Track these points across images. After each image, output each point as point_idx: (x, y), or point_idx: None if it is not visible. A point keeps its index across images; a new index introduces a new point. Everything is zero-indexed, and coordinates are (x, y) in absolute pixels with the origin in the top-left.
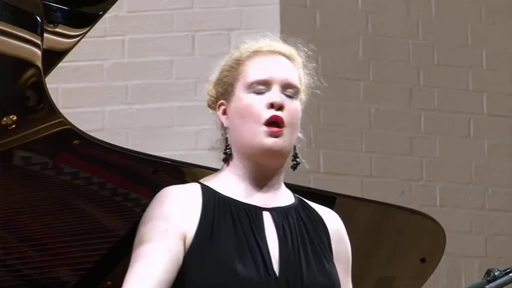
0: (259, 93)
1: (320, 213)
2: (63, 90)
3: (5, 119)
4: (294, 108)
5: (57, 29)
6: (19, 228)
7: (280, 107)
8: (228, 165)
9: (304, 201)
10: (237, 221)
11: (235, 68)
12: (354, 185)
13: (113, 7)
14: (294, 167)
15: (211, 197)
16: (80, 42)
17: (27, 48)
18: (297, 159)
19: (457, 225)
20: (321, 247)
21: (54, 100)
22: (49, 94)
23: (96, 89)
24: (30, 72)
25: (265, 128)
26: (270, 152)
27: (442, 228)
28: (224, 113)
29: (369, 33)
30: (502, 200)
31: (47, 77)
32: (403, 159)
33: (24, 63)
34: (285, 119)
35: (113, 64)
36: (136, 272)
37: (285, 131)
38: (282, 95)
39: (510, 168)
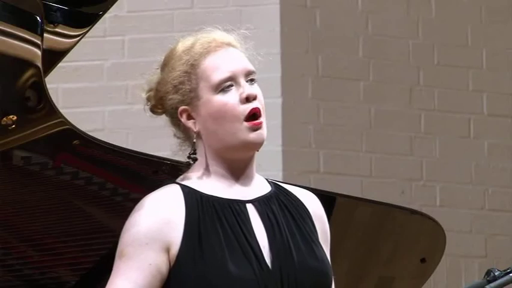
0: (227, 91)
1: (298, 196)
2: (63, 90)
3: (5, 119)
4: (260, 92)
5: (57, 29)
6: (19, 228)
7: (254, 98)
8: (199, 163)
9: (280, 186)
10: (222, 219)
11: (191, 72)
12: (354, 185)
13: (113, 7)
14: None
15: (193, 198)
16: (80, 42)
17: (27, 48)
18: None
19: (457, 225)
20: (307, 231)
21: (54, 100)
22: (49, 94)
23: (96, 89)
24: (30, 72)
25: (246, 124)
26: (254, 146)
27: (442, 228)
28: (189, 118)
29: (369, 33)
30: (502, 200)
31: (47, 77)
32: (403, 159)
33: (24, 63)
34: (261, 108)
35: (113, 64)
36: None
37: (262, 119)
38: (247, 84)
39: (510, 168)
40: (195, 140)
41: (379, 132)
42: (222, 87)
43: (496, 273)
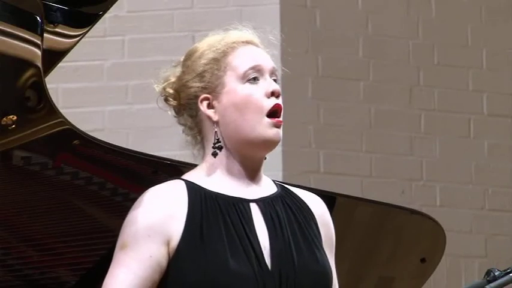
0: (253, 83)
1: (304, 199)
2: (63, 90)
3: (5, 119)
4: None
5: (57, 29)
6: (19, 228)
7: (278, 95)
8: (208, 158)
9: (287, 188)
10: (226, 215)
11: (220, 59)
12: (354, 185)
13: (113, 7)
14: None
15: (197, 194)
16: (80, 42)
17: (27, 48)
18: None
19: (457, 225)
20: (310, 234)
21: (54, 100)
22: (49, 94)
23: (96, 89)
24: (30, 72)
25: (268, 120)
26: (271, 143)
27: (442, 228)
28: (209, 107)
29: (369, 33)
30: (502, 200)
31: (47, 77)
32: (403, 159)
33: (24, 63)
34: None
35: (113, 64)
36: (116, 281)
37: (282, 119)
38: (272, 81)
39: (510, 168)
40: (216, 130)
41: (379, 132)
42: (249, 77)
43: (496, 273)
